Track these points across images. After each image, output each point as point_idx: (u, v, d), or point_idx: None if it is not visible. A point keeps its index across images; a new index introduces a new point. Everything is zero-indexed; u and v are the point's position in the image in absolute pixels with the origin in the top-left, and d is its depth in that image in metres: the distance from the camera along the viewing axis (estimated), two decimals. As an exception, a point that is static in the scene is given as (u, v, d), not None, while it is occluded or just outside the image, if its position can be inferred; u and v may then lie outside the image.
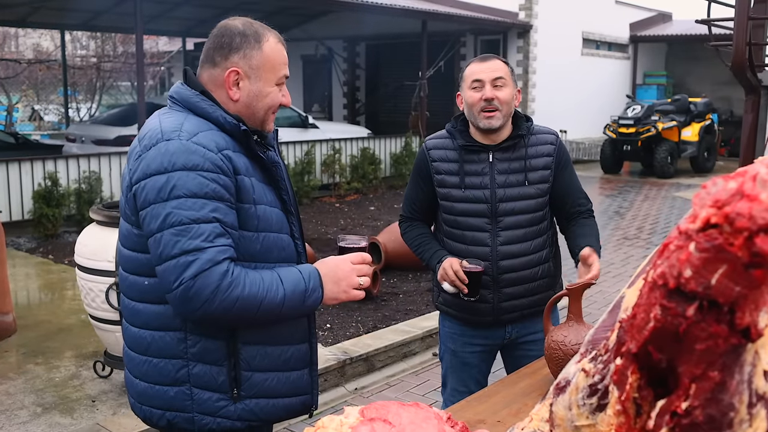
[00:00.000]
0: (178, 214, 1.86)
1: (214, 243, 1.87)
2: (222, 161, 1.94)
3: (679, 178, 16.19)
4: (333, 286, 2.03)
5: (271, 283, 1.94)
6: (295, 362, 2.15)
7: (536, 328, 3.00)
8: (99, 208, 4.69)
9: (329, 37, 19.59)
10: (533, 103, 18.13)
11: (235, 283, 1.87)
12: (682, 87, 21.92)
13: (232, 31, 2.07)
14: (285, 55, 2.13)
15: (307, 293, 1.98)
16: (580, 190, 3.05)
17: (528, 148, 2.92)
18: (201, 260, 1.84)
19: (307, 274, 2.01)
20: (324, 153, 13.34)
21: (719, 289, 0.83)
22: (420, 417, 1.48)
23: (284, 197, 2.13)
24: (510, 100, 2.85)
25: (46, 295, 7.22)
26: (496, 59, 2.89)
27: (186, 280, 1.83)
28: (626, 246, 9.60)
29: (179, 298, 1.86)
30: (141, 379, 2.08)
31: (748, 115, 4.96)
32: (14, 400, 4.54)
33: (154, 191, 1.90)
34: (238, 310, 1.88)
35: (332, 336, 5.66)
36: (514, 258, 2.89)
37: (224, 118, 2.01)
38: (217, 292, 1.84)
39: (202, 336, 2.00)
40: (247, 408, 2.06)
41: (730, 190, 0.83)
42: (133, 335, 2.08)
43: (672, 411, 0.90)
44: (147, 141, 1.98)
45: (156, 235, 1.88)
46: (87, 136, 12.69)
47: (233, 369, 2.03)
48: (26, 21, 16.49)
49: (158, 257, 1.88)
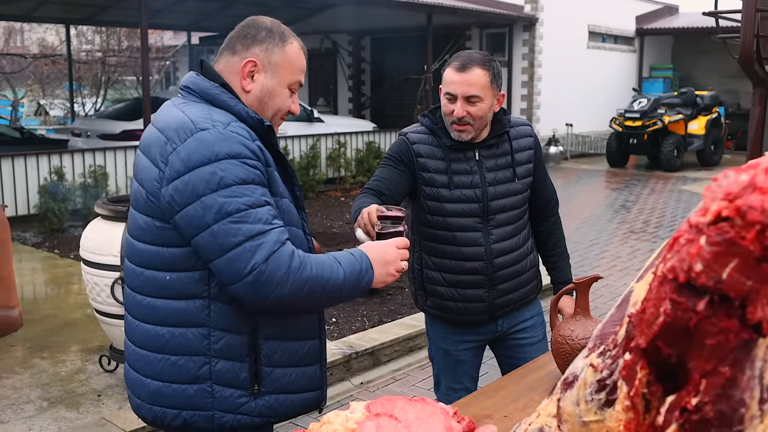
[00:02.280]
0: (233, 202, 1.83)
1: (273, 224, 1.85)
2: (258, 150, 1.93)
3: (686, 171, 16.15)
4: (382, 269, 2.03)
5: (331, 264, 1.93)
6: (310, 357, 2.14)
7: (524, 316, 3.03)
8: (104, 202, 4.69)
9: (334, 30, 19.56)
10: (539, 97, 18.08)
11: (304, 263, 1.86)
12: (689, 80, 21.84)
13: (260, 26, 2.07)
14: (304, 63, 2.12)
15: (361, 274, 1.97)
16: (550, 181, 3.09)
17: (512, 141, 2.88)
18: (268, 242, 1.82)
19: (359, 255, 2.00)
20: (329, 147, 13.34)
21: (730, 284, 0.82)
22: (426, 412, 1.47)
23: (297, 193, 2.12)
24: (484, 114, 2.75)
25: (52, 289, 7.23)
26: (476, 67, 2.71)
27: (258, 264, 1.80)
28: (633, 240, 9.58)
29: (251, 284, 1.81)
30: (154, 379, 2.00)
31: (755, 108, 4.93)
32: (20, 394, 4.55)
33: (202, 183, 1.84)
34: (307, 292, 1.86)
35: (338, 330, 5.66)
36: (507, 254, 2.88)
37: (246, 112, 1.99)
38: (289, 273, 1.82)
39: (225, 332, 1.96)
40: (267, 404, 2.04)
41: (741, 182, 0.81)
42: (147, 333, 2.01)
43: (682, 407, 0.88)
44: (177, 133, 1.91)
45: (213, 227, 1.83)
46: (92, 130, 12.70)
47: (254, 365, 2.00)
48: (31, 16, 16.49)
49: (219, 249, 1.83)
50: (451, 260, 2.87)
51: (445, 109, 2.79)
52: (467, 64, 2.73)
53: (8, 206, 9.21)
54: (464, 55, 2.78)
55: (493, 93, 2.76)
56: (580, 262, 8.30)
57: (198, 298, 1.95)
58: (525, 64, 17.93)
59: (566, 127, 18.38)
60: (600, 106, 19.56)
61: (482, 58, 2.76)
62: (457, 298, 2.90)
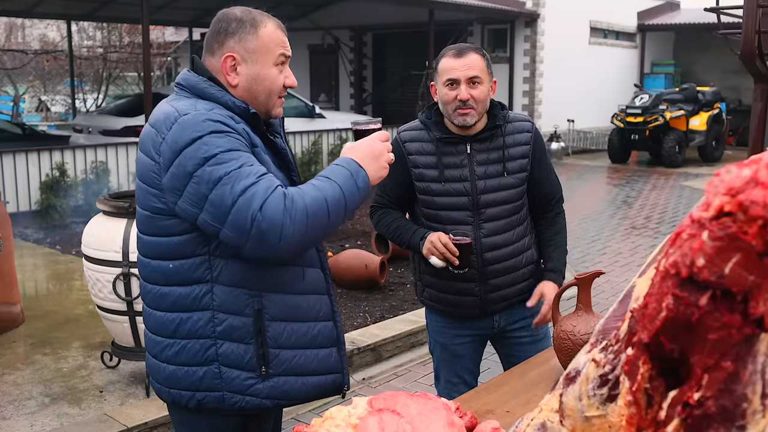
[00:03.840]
0: (221, 169, 1.87)
1: (262, 177, 1.88)
2: (243, 131, 1.98)
3: (687, 167, 16.13)
4: (373, 164, 2.05)
5: (322, 182, 1.95)
6: (323, 339, 2.16)
7: (524, 314, 3.00)
8: (106, 198, 4.69)
9: (336, 26, 19.53)
10: (540, 93, 18.06)
11: (295, 196, 1.88)
12: (690, 76, 21.80)
13: (230, 18, 2.09)
14: (283, 38, 2.13)
15: (353, 176, 1.99)
16: (554, 177, 3.06)
17: (505, 137, 2.88)
18: (258, 192, 1.85)
19: (344, 162, 2.03)
20: (331, 143, 13.33)
21: (733, 279, 0.82)
22: (429, 408, 1.48)
23: (295, 179, 2.15)
24: (485, 97, 2.80)
25: (54, 285, 7.24)
26: (472, 52, 2.79)
27: (255, 214, 1.83)
28: (634, 235, 9.58)
29: (257, 236, 1.84)
30: (169, 363, 2.09)
31: (757, 103, 4.93)
32: (22, 390, 4.56)
33: (190, 161, 1.90)
34: (312, 219, 1.88)
35: (339, 326, 5.66)
36: (498, 249, 2.87)
37: (233, 102, 2.03)
38: (285, 212, 1.84)
39: (228, 314, 2.02)
40: (276, 386, 2.07)
41: (744, 177, 0.81)
42: (159, 319, 2.09)
43: (684, 402, 0.89)
44: (163, 124, 1.98)
45: (210, 197, 1.88)
46: (94, 126, 12.70)
47: (261, 347, 2.05)
48: (32, 11, 16.48)
49: (220, 214, 1.87)
50: None
51: (446, 97, 2.80)
52: (463, 50, 2.80)
53: (10, 202, 9.21)
54: (456, 45, 2.86)
55: (489, 78, 2.82)
56: (581, 258, 8.30)
57: (201, 283, 2.02)
58: (527, 60, 17.91)
59: (568, 123, 18.37)
60: (601, 102, 19.53)
61: (474, 47, 2.84)
62: (450, 290, 2.93)
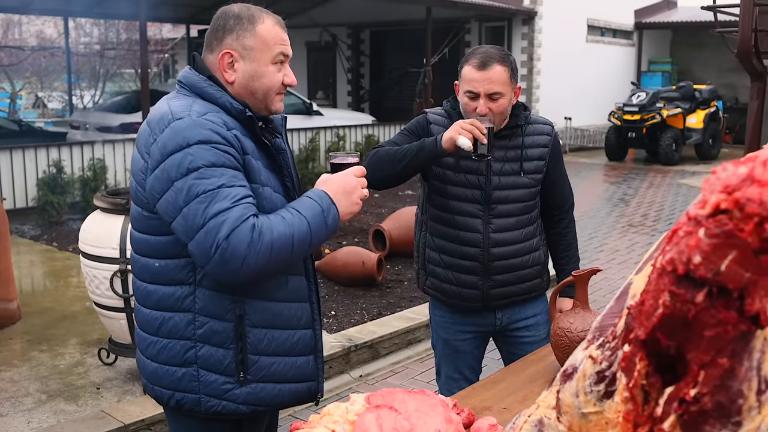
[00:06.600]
0: (201, 184, 1.88)
1: (239, 202, 1.88)
2: (234, 138, 1.97)
3: (684, 165, 16.15)
4: (345, 200, 2.05)
5: (292, 218, 1.95)
6: (302, 347, 2.17)
7: (527, 313, 3.02)
8: (103, 195, 4.68)
9: (333, 23, 19.51)
10: (538, 90, 18.07)
11: (264, 229, 1.88)
12: (687, 74, 21.82)
13: (228, 15, 2.10)
14: (282, 35, 2.12)
15: (324, 213, 1.99)
16: (567, 183, 3.08)
17: (525, 137, 2.89)
18: (230, 219, 1.85)
19: (316, 196, 2.02)
20: (328, 140, 13.32)
21: (729, 275, 0.82)
22: (426, 404, 1.48)
23: (288, 183, 2.14)
24: (505, 108, 2.79)
25: (51, 282, 7.23)
26: (496, 64, 2.72)
27: (221, 241, 1.84)
28: (631, 233, 9.59)
29: (218, 262, 1.85)
30: (152, 360, 2.11)
31: (753, 101, 4.94)
32: (19, 387, 4.56)
33: (174, 168, 1.90)
34: (276, 254, 1.89)
35: (337, 323, 5.67)
36: (505, 246, 2.89)
37: (231, 103, 2.03)
38: (251, 245, 1.85)
39: (209, 317, 2.03)
40: (253, 392, 2.08)
41: (740, 175, 0.82)
42: (145, 316, 2.11)
43: (680, 398, 0.89)
44: (158, 124, 1.99)
45: (183, 210, 1.89)
46: (91, 123, 12.68)
47: (240, 352, 2.05)
48: (29, 8, 16.40)
49: (189, 230, 1.88)
50: (450, 242, 2.91)
51: (466, 107, 2.80)
52: (487, 61, 2.73)
53: (6, 199, 9.20)
54: (482, 52, 2.78)
55: (512, 87, 2.79)
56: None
57: (184, 284, 2.03)
58: (524, 58, 17.91)
59: (565, 120, 18.37)
60: (598, 100, 19.55)
61: (500, 54, 2.77)
62: (453, 281, 2.94)
